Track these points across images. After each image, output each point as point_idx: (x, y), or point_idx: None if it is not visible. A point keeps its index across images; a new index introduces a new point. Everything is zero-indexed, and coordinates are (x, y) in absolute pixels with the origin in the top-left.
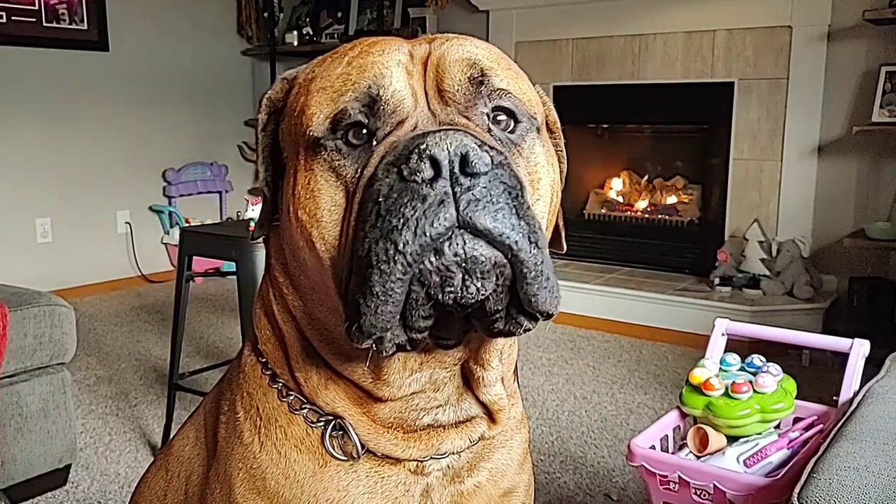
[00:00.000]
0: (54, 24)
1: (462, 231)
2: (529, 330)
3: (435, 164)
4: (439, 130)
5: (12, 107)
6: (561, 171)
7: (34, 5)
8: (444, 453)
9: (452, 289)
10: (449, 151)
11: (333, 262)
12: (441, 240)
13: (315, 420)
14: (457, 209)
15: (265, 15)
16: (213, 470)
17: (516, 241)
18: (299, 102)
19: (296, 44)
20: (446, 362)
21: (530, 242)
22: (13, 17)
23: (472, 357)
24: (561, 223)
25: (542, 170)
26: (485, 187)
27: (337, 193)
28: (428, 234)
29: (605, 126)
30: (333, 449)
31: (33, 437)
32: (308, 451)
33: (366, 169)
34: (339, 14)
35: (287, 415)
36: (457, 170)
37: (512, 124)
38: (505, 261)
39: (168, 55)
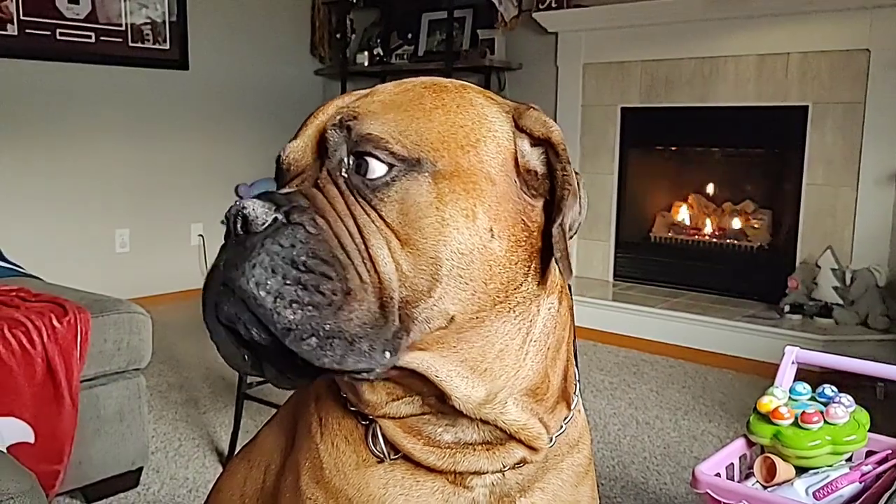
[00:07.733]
0: (139, 44)
1: (225, 289)
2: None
3: (226, 224)
4: (260, 195)
5: (97, 122)
6: (563, 196)
7: (121, 26)
8: (475, 471)
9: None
10: (232, 214)
11: None
12: (218, 297)
13: (363, 418)
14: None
15: (337, 36)
16: (289, 459)
17: (253, 296)
18: None
19: (366, 64)
20: (412, 390)
21: (262, 294)
22: (101, 38)
23: (423, 389)
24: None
25: (422, 213)
26: (244, 247)
27: None
28: (209, 291)
29: (674, 149)
30: (374, 447)
31: (109, 438)
32: (354, 443)
33: None
34: (409, 35)
35: (342, 409)
36: (240, 231)
37: (380, 170)
38: (254, 318)
39: (244, 74)
